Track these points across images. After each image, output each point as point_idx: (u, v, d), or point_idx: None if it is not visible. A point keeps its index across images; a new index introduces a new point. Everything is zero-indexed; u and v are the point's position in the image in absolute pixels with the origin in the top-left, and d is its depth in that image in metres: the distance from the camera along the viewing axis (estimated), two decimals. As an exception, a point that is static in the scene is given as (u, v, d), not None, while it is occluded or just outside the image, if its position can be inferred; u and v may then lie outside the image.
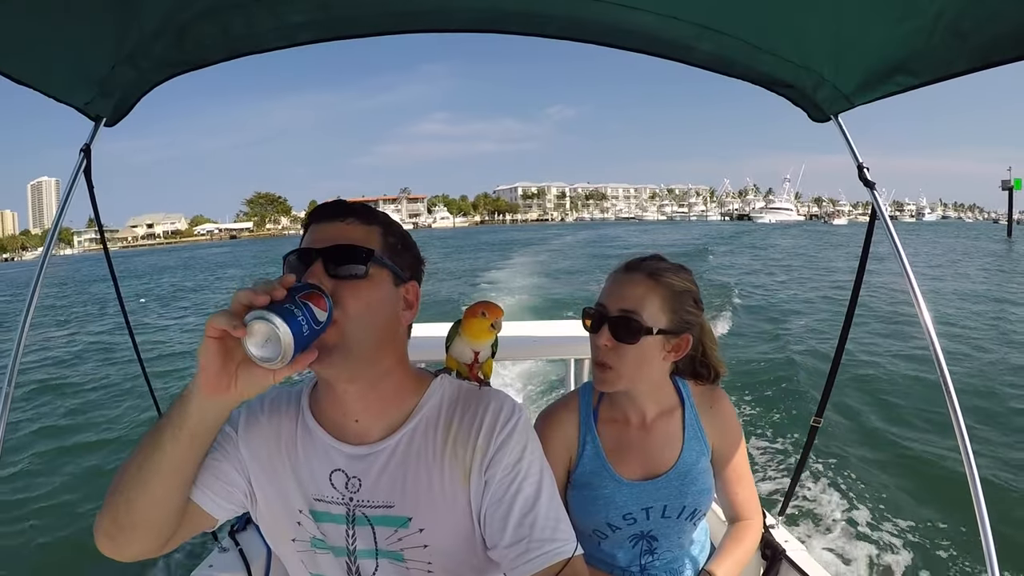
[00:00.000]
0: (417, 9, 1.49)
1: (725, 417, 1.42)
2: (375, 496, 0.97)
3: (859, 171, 1.63)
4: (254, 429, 1.03)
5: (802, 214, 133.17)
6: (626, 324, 1.25)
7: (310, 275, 0.88)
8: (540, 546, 0.92)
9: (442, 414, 1.01)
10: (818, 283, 18.29)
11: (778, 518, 1.89)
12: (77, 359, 11.67)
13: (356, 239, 0.93)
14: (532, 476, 0.97)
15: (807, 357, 8.74)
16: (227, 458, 1.00)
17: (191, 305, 19.61)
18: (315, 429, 1.01)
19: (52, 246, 1.61)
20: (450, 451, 0.97)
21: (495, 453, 0.96)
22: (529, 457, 0.98)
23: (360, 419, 0.99)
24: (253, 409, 1.05)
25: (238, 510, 1.02)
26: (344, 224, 0.95)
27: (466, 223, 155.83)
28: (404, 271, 0.99)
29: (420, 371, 1.09)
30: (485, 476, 0.96)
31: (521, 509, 0.94)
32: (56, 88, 1.36)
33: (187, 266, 43.11)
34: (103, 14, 1.20)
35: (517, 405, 1.03)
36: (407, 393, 1.02)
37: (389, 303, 0.96)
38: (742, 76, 1.64)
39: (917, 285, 1.52)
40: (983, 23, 1.10)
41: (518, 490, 0.95)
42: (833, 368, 1.87)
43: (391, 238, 0.98)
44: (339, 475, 0.98)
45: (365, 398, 0.98)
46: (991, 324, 11.64)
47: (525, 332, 2.57)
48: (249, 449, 1.02)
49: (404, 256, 1.00)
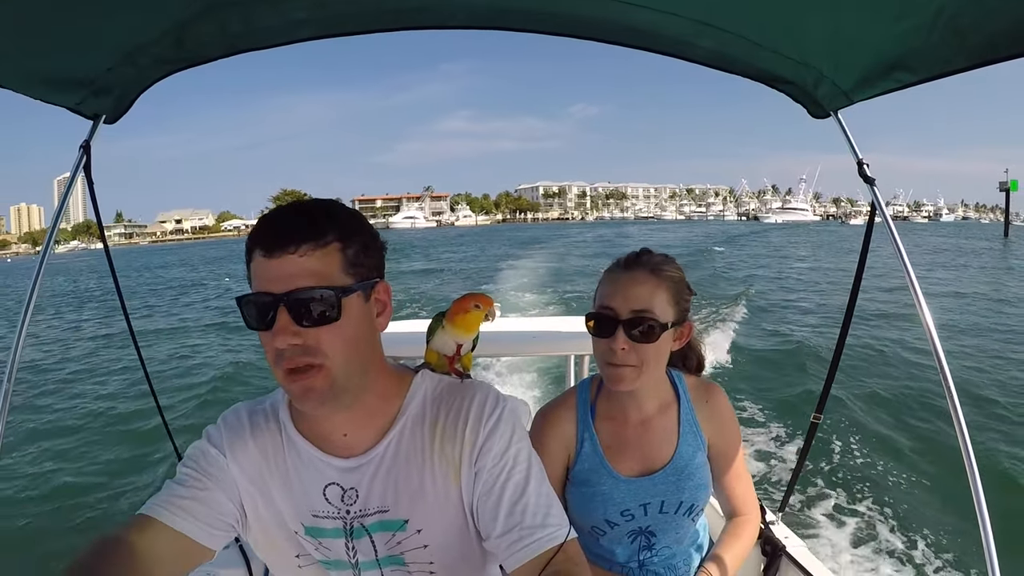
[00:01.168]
0: (416, 6, 1.48)
1: (721, 412, 1.42)
2: (370, 504, 0.96)
3: (859, 167, 1.63)
4: (240, 447, 0.99)
5: (818, 214, 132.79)
6: (642, 324, 1.24)
7: (278, 332, 0.83)
8: (532, 533, 0.90)
9: (427, 412, 0.99)
10: (750, 273, 21.04)
11: (778, 514, 1.90)
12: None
13: (315, 273, 0.84)
14: (520, 464, 0.96)
15: (808, 352, 8.83)
16: (217, 484, 0.96)
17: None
18: (302, 444, 0.98)
19: (51, 243, 1.59)
20: (438, 449, 0.97)
21: (483, 444, 0.95)
22: (516, 445, 0.97)
23: (348, 432, 0.97)
24: (234, 426, 1.01)
25: (231, 536, 0.99)
26: (297, 257, 0.84)
27: (488, 221, 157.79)
28: (371, 276, 0.92)
29: (399, 368, 1.06)
30: (475, 468, 0.96)
31: (511, 498, 0.93)
32: (47, 91, 1.35)
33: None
34: (102, 13, 1.19)
35: (501, 395, 1.02)
36: (389, 397, 1.00)
37: (365, 325, 0.91)
38: (742, 72, 1.64)
39: (917, 281, 1.52)
40: (981, 21, 1.10)
41: (508, 479, 0.94)
42: (833, 364, 1.87)
43: (351, 249, 0.89)
44: (334, 488, 0.97)
45: (351, 414, 0.95)
46: (963, 317, 12.08)
47: (526, 328, 2.59)
48: (240, 469, 0.98)
49: (368, 261, 0.91)
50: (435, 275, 24.21)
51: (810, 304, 14.41)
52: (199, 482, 0.94)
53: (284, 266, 0.84)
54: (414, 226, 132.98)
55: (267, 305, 0.84)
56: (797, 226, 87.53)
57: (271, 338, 0.84)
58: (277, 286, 0.83)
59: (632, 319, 1.25)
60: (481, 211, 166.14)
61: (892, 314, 11.53)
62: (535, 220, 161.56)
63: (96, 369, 10.59)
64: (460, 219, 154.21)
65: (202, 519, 0.91)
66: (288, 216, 0.87)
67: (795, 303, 14.60)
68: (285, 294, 0.83)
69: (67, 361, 11.57)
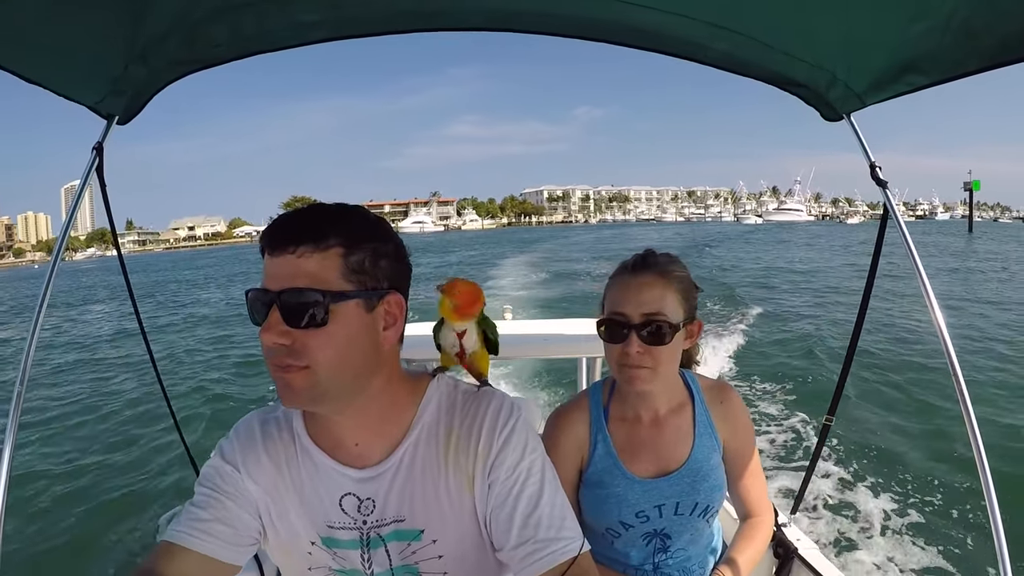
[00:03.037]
0: (428, 8, 1.49)
1: (736, 412, 1.42)
2: (386, 514, 0.96)
3: (871, 170, 1.63)
4: (253, 461, 0.99)
5: (814, 214, 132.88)
6: (655, 328, 1.24)
7: (267, 329, 0.84)
8: (546, 546, 0.91)
9: (441, 421, 0.99)
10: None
11: (790, 517, 1.89)
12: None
13: (310, 275, 0.84)
14: (534, 475, 0.96)
15: (820, 354, 8.83)
16: (236, 501, 0.96)
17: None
18: (316, 454, 0.97)
19: (63, 248, 1.60)
20: (452, 459, 0.96)
21: (496, 456, 0.95)
22: (530, 456, 0.97)
23: (360, 442, 0.97)
24: (246, 439, 1.01)
25: (255, 549, 1.00)
26: (295, 258, 0.84)
27: (494, 225, 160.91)
28: (380, 286, 0.90)
29: (414, 374, 1.04)
30: (489, 480, 0.95)
31: (525, 510, 0.93)
32: (67, 87, 1.36)
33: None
34: (115, 14, 1.20)
35: (515, 404, 1.01)
36: (402, 405, 0.99)
37: (363, 334, 0.89)
38: (755, 76, 1.64)
39: (929, 284, 1.52)
40: (994, 23, 1.10)
41: (521, 491, 0.94)
42: (845, 366, 1.87)
43: (356, 255, 0.87)
44: (350, 499, 0.96)
45: (360, 422, 0.95)
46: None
47: (537, 331, 2.58)
48: (255, 483, 0.98)
49: (377, 270, 0.90)
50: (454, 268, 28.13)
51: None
52: (219, 502, 0.95)
53: (282, 265, 0.85)
54: (422, 230, 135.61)
55: (263, 301, 0.85)
56: (791, 226, 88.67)
57: (262, 334, 0.85)
58: (274, 284, 0.85)
59: (644, 323, 1.25)
60: (487, 215, 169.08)
61: (902, 313, 11.62)
62: (539, 223, 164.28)
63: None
64: (467, 223, 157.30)
65: (227, 539, 0.93)
66: (295, 217, 0.88)
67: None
68: (278, 292, 0.84)
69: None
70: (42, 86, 1.26)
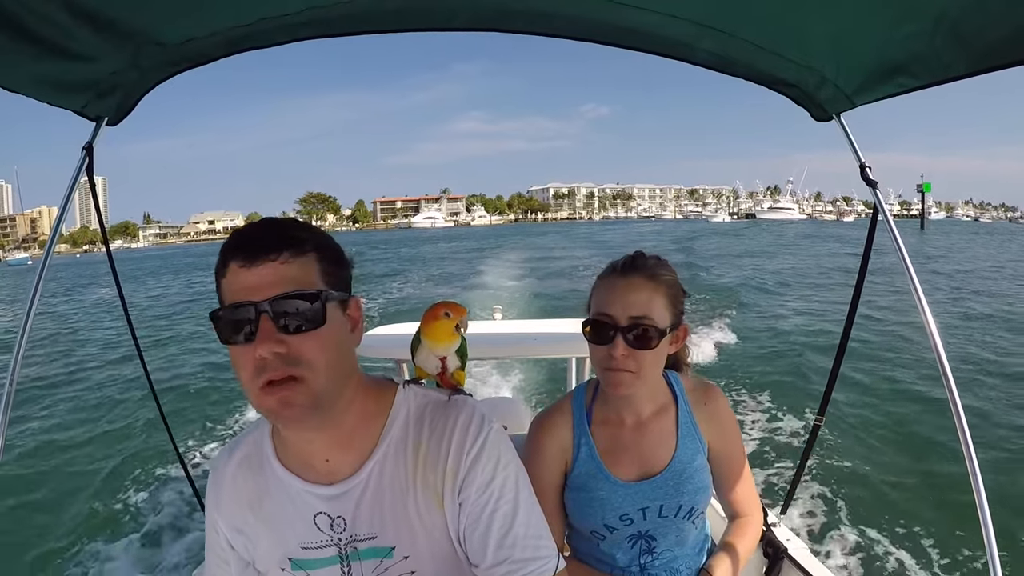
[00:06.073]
0: (418, 7, 1.48)
1: (720, 413, 1.41)
2: (358, 530, 0.94)
3: (861, 170, 1.64)
4: (226, 501, 1.00)
5: (804, 213, 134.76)
6: (642, 332, 1.23)
7: (261, 340, 0.81)
8: (523, 566, 0.91)
9: (409, 435, 0.96)
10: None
11: (780, 517, 1.89)
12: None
13: (296, 280, 0.84)
14: (507, 494, 0.94)
15: (809, 355, 8.81)
16: (234, 555, 1.01)
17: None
18: (288, 479, 0.96)
19: (54, 243, 1.64)
20: (421, 476, 0.94)
21: (466, 474, 0.93)
22: (503, 473, 0.95)
23: (330, 458, 0.95)
24: (218, 481, 1.02)
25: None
26: (279, 265, 0.83)
27: (501, 221, 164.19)
28: (345, 290, 0.91)
29: (379, 382, 1.02)
30: (459, 499, 0.93)
31: (500, 530, 0.92)
32: (52, 94, 1.35)
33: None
34: (102, 21, 1.20)
35: (486, 417, 0.99)
36: (371, 416, 0.97)
37: (343, 335, 0.90)
38: (744, 75, 1.64)
39: (919, 283, 1.52)
40: (983, 27, 1.09)
41: (495, 509, 0.93)
42: (835, 366, 1.87)
43: (326, 260, 0.89)
44: (323, 517, 0.95)
45: (332, 435, 0.93)
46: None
47: (526, 330, 2.59)
48: (227, 523, 1.00)
49: (341, 273, 0.91)
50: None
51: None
52: (225, 563, 1.01)
53: (264, 274, 0.82)
54: (434, 226, 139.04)
55: (246, 316, 0.81)
56: (781, 224, 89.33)
57: (251, 350, 0.81)
58: (257, 294, 0.82)
59: (630, 326, 1.24)
60: (495, 211, 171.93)
61: (895, 308, 11.62)
62: (546, 220, 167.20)
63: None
64: (476, 219, 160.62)
65: None
66: (263, 227, 0.87)
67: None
68: (268, 300, 0.81)
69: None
70: (25, 94, 1.26)
